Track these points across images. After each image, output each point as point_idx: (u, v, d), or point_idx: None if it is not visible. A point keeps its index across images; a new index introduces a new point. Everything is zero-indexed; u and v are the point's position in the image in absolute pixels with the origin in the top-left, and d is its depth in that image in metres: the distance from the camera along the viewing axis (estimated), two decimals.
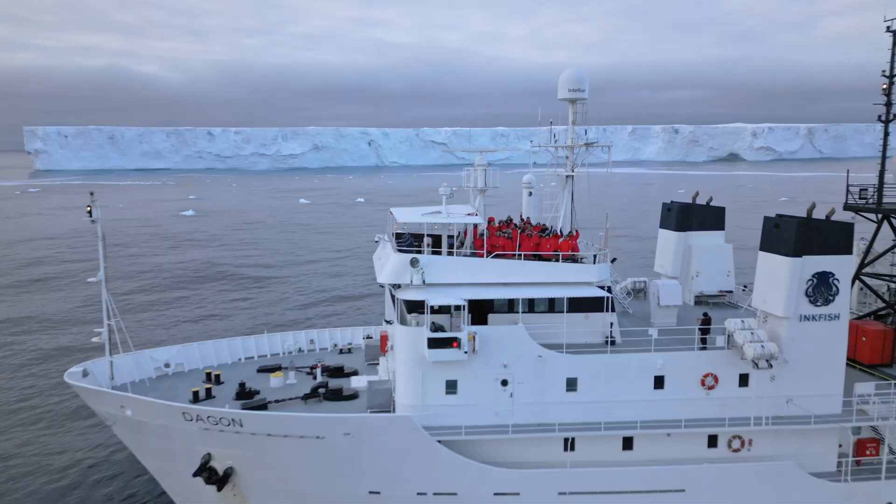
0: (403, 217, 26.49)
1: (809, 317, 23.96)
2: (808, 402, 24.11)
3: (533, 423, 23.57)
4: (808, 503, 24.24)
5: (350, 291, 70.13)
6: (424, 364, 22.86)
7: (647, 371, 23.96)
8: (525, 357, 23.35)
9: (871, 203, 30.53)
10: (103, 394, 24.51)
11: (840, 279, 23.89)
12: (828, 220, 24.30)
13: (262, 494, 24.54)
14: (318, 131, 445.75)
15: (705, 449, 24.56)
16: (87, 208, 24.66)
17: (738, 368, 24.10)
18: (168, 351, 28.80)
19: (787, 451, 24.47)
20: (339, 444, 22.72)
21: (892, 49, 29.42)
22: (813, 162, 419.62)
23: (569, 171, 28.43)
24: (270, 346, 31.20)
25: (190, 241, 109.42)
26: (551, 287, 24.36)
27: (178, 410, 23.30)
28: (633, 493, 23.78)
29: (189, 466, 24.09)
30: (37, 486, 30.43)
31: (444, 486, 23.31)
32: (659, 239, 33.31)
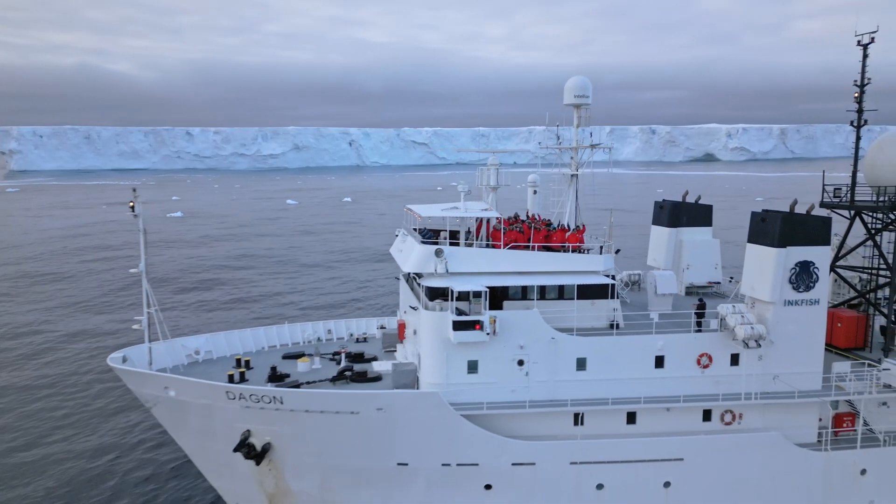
0: (426, 212, 28.56)
1: (793, 302, 26.59)
2: (792, 379, 26.74)
3: (546, 399, 25.81)
4: (793, 470, 26.88)
5: (350, 290, 71.99)
6: (449, 345, 24.98)
7: (649, 352, 26.36)
8: (539, 339, 25.59)
9: (845, 201, 33.39)
10: (147, 376, 26.20)
11: (819, 268, 26.58)
12: (808, 215, 26.98)
13: (297, 468, 26.45)
14: (299, 131, 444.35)
15: (700, 422, 27.04)
16: (131, 204, 26.35)
17: (729, 349, 26.61)
18: (197, 339, 30.49)
19: (774, 423, 27.06)
20: (372, 419, 24.75)
21: (863, 61, 32.32)
22: (785, 162, 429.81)
23: (574, 171, 30.81)
24: (291, 336, 33.03)
25: (182, 241, 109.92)
26: (562, 276, 26.67)
27: (221, 390, 25.11)
28: (637, 462, 26.17)
29: (228, 444, 25.89)
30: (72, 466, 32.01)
31: (466, 458, 25.46)
32: (652, 234, 35.80)
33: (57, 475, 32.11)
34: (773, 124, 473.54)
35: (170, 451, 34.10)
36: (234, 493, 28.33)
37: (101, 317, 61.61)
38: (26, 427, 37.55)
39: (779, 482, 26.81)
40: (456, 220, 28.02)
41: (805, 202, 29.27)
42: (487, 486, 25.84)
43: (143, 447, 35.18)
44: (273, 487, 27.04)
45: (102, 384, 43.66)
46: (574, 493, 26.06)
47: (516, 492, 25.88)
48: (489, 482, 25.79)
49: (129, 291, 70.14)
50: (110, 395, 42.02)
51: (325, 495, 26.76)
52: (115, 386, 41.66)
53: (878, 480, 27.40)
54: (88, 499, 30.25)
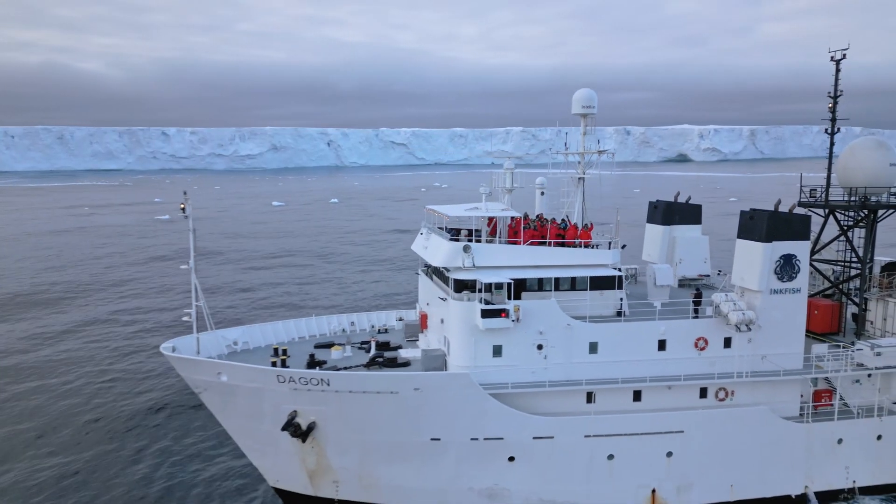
0: (452, 212, 31.24)
1: (778, 290, 29.95)
2: (777, 359, 30.10)
3: (562, 379, 28.73)
4: (779, 440, 30.24)
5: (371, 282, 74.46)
6: (476, 332, 27.76)
7: (653, 336, 29.46)
8: (556, 326, 28.51)
9: (820, 201, 36.99)
10: (201, 363, 28.45)
11: (801, 260, 30.00)
12: (791, 213, 30.39)
13: (338, 444, 28.94)
14: (276, 131, 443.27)
15: (698, 398, 30.23)
16: (182, 206, 28.57)
17: (723, 333, 29.85)
18: (235, 331, 32.75)
19: (762, 399, 30.38)
20: (409, 398, 27.40)
21: (836, 75, 35.98)
22: (755, 162, 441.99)
23: (581, 174, 33.86)
24: (319, 327, 35.45)
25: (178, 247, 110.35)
26: (575, 269, 29.64)
27: (272, 374, 27.52)
28: (643, 435, 29.25)
29: (275, 424, 28.27)
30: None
31: (492, 432, 28.26)
32: (646, 232, 38.98)
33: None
34: (743, 125, 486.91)
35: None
36: (276, 471, 30.68)
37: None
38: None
39: (766, 451, 30.15)
40: (479, 218, 30.71)
41: (778, 200, 32.72)
42: (511, 458, 28.68)
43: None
44: (314, 464, 29.50)
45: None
46: (588, 463, 29.04)
47: (537, 463, 28.76)
48: (512, 454, 28.63)
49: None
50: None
51: (363, 470, 29.33)
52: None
53: (853, 448, 30.93)
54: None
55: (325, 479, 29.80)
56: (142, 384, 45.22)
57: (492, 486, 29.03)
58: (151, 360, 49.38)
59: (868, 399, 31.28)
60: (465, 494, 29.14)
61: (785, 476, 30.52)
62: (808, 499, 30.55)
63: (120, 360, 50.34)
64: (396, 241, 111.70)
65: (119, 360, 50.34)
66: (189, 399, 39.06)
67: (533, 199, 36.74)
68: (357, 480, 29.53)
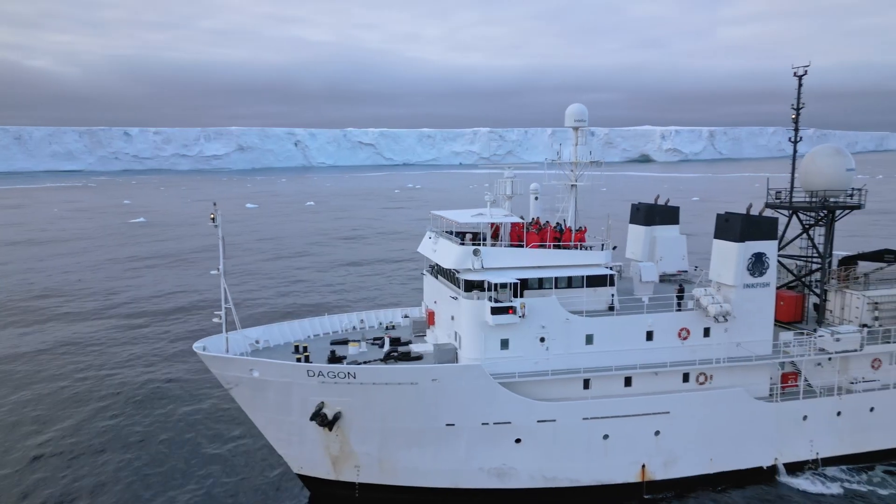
0: (461, 219, 33.95)
1: (750, 285, 33.61)
2: (750, 346, 33.78)
3: (562, 368, 31.80)
4: (752, 418, 33.92)
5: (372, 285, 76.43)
6: (486, 327, 30.61)
7: (641, 328, 32.77)
8: (557, 320, 31.57)
9: (785, 202, 40.99)
10: (234, 360, 30.58)
11: (770, 257, 33.74)
12: (761, 216, 34.13)
13: (361, 432, 31.42)
14: (243, 131, 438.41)
15: (681, 383, 33.69)
16: (212, 216, 30.63)
17: (703, 323, 33.36)
18: (256, 331, 34.90)
19: (737, 381, 34.01)
20: (428, 388, 30.09)
21: (798, 90, 39.97)
22: (715, 162, 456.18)
23: (573, 182, 37.05)
24: (332, 325, 37.82)
25: (177, 259, 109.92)
26: (572, 268, 32.75)
27: (303, 369, 29.88)
28: (634, 416, 32.55)
29: (303, 415, 30.62)
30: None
31: (501, 417, 31.15)
32: (629, 232, 42.39)
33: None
34: (703, 126, 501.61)
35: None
36: (300, 459, 32.96)
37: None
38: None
39: (741, 428, 33.80)
40: (487, 223, 33.51)
41: (737, 200, 36.40)
42: (517, 440, 31.63)
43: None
44: (338, 451, 31.93)
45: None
46: (586, 443, 32.20)
47: (540, 443, 31.79)
48: (519, 437, 31.59)
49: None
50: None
51: (383, 455, 31.90)
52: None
53: (816, 424, 34.86)
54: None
55: (347, 465, 32.29)
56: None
57: (500, 465, 31.95)
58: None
59: (829, 380, 35.29)
60: (476, 474, 32.00)
61: (757, 450, 34.24)
62: (777, 470, 34.33)
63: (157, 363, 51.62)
64: (383, 242, 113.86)
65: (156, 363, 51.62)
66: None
67: (527, 204, 39.70)
68: (377, 465, 32.10)
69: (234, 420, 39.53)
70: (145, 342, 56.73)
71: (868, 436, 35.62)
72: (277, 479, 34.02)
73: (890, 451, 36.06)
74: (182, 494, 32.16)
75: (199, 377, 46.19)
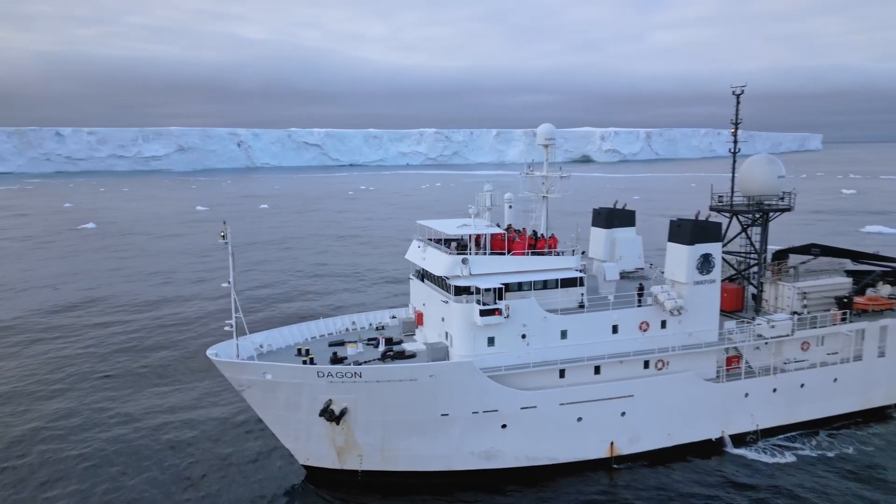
0: (447, 230, 37.39)
1: (699, 282, 38.59)
2: (699, 335, 38.80)
3: (541, 361, 35.83)
4: (702, 397, 38.95)
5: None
6: (475, 327, 34.31)
7: (608, 322, 37.21)
8: (536, 319, 35.58)
9: (726, 205, 46.43)
10: (248, 365, 33.11)
11: (715, 257, 38.84)
12: (707, 221, 39.21)
13: (364, 425, 34.53)
14: (183, 132, 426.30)
15: (643, 369, 38.36)
16: (222, 234, 33.08)
17: (660, 317, 38.10)
18: (260, 336, 37.43)
19: (689, 366, 38.98)
20: (425, 384, 33.52)
21: (736, 107, 45.40)
22: (651, 163, 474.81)
23: (545, 193, 41.20)
24: (327, 328, 40.66)
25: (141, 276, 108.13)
26: (547, 272, 36.85)
27: (313, 370, 32.75)
28: (603, 400, 36.94)
29: (311, 412, 33.48)
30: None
31: (489, 406, 34.92)
32: (591, 234, 46.86)
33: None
34: (640, 128, 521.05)
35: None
36: (307, 452, 35.76)
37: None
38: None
39: (694, 406, 38.80)
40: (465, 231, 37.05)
41: (698, 211, 41.51)
42: (504, 425, 35.49)
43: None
44: (343, 442, 34.95)
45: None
46: (563, 425, 36.36)
47: (524, 428, 35.75)
48: (505, 422, 35.47)
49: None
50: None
51: (384, 444, 35.13)
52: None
53: (756, 400, 40.26)
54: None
55: (351, 455, 35.39)
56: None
57: (489, 449, 35.77)
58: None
59: (766, 361, 40.83)
60: (468, 457, 35.72)
61: (707, 424, 39.33)
62: (724, 441, 39.52)
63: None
64: (343, 247, 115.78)
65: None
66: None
67: (503, 211, 43.62)
68: (379, 453, 35.34)
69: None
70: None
71: (799, 408, 41.39)
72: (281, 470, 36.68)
73: (818, 420, 41.97)
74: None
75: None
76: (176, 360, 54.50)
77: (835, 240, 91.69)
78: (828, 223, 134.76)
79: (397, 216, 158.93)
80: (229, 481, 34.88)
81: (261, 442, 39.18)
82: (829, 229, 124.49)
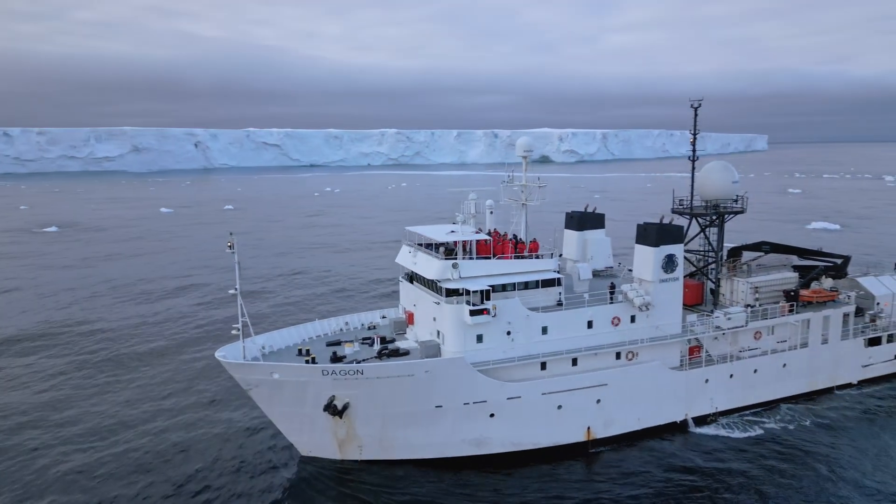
0: (439, 237, 40.21)
1: (664, 280, 42.53)
2: (665, 328, 42.78)
3: (524, 355, 39.10)
4: (667, 384, 42.88)
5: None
6: (465, 326, 37.31)
7: (583, 318, 40.73)
8: (519, 317, 38.81)
9: (686, 208, 50.65)
10: (256, 365, 35.32)
11: (678, 257, 42.89)
12: (671, 224, 43.23)
13: (364, 418, 37.10)
14: (138, 132, 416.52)
15: (615, 360, 42.03)
16: (229, 244, 35.18)
17: (630, 312, 41.86)
18: (262, 338, 39.60)
19: (656, 356, 42.87)
20: (422, 378, 36.36)
21: (694, 120, 49.66)
22: (608, 163, 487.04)
23: (524, 201, 44.52)
24: (322, 328, 43.02)
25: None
26: (529, 274, 40.14)
27: (318, 369, 35.23)
28: (580, 389, 40.46)
29: (315, 408, 35.89)
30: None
31: (478, 397, 38.00)
32: (565, 236, 50.50)
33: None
34: (596, 129, 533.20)
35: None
36: (310, 444, 38.15)
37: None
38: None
39: (661, 392, 42.74)
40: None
41: (662, 216, 45.54)
42: (491, 414, 38.61)
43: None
44: (344, 434, 37.49)
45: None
46: (544, 413, 39.69)
47: (510, 416, 38.95)
48: (493, 412, 38.60)
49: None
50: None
51: (383, 435, 37.82)
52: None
53: (715, 385, 44.47)
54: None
55: (351, 446, 37.99)
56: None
57: (478, 436, 38.87)
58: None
59: (723, 350, 45.17)
60: (459, 444, 38.75)
61: (672, 408, 43.35)
62: (688, 423, 43.67)
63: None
64: (324, 252, 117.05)
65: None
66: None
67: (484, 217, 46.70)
68: (378, 443, 38.04)
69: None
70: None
71: (753, 391, 45.91)
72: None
73: (769, 402, 46.60)
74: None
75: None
76: (174, 361, 55.85)
77: (783, 236, 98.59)
78: (776, 222, 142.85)
79: (373, 217, 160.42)
80: (232, 475, 37.00)
81: (262, 434, 41.35)
82: (777, 227, 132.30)
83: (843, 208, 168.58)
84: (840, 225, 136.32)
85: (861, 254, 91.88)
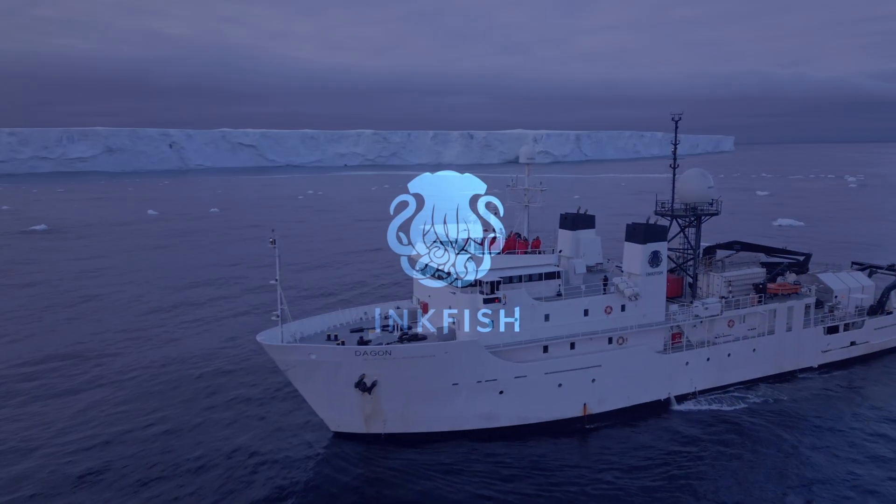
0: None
1: (650, 273, 47.94)
2: (651, 316, 48.22)
3: (529, 339, 44.13)
4: (653, 366, 48.32)
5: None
6: (479, 313, 42.23)
7: (580, 307, 45.92)
8: (526, 305, 43.78)
9: (668, 210, 56.26)
10: (295, 347, 39.62)
11: (663, 253, 48.38)
12: (657, 224, 48.70)
13: (390, 395, 41.64)
14: (112, 132, 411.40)
15: (607, 344, 47.28)
16: (272, 241, 39.32)
17: (621, 302, 47.15)
18: (293, 325, 43.72)
19: (643, 341, 48.25)
20: (442, 359, 41.11)
21: (675, 131, 55.30)
22: (581, 164, 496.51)
23: (526, 204, 49.56)
24: (345, 317, 47.45)
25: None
26: (534, 268, 45.18)
27: (352, 350, 39.72)
28: (577, 370, 45.64)
29: (347, 385, 40.39)
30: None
31: (490, 376, 42.87)
32: (559, 235, 55.57)
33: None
34: (569, 130, 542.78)
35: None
36: (339, 420, 42.53)
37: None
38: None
39: (647, 373, 48.16)
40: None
41: (649, 216, 51.01)
42: (501, 391, 43.50)
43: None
44: (371, 410, 42.00)
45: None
46: (547, 391, 44.75)
47: (517, 393, 43.90)
48: (502, 389, 43.50)
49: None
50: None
51: (405, 409, 42.41)
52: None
53: (694, 367, 49.97)
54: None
55: (377, 420, 42.52)
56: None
57: (489, 411, 43.73)
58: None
59: (701, 336, 50.86)
60: (472, 418, 43.54)
61: (657, 388, 48.80)
62: (670, 401, 49.20)
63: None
64: (335, 252, 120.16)
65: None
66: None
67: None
68: (400, 418, 42.65)
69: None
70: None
71: (727, 373, 51.72)
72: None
73: (741, 382, 52.45)
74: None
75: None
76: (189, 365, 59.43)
77: (753, 232, 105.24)
78: (745, 221, 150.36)
79: (371, 218, 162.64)
80: (267, 450, 41.19)
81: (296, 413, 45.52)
82: (747, 225, 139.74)
83: (810, 214, 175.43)
84: (804, 222, 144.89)
85: (822, 253, 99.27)
